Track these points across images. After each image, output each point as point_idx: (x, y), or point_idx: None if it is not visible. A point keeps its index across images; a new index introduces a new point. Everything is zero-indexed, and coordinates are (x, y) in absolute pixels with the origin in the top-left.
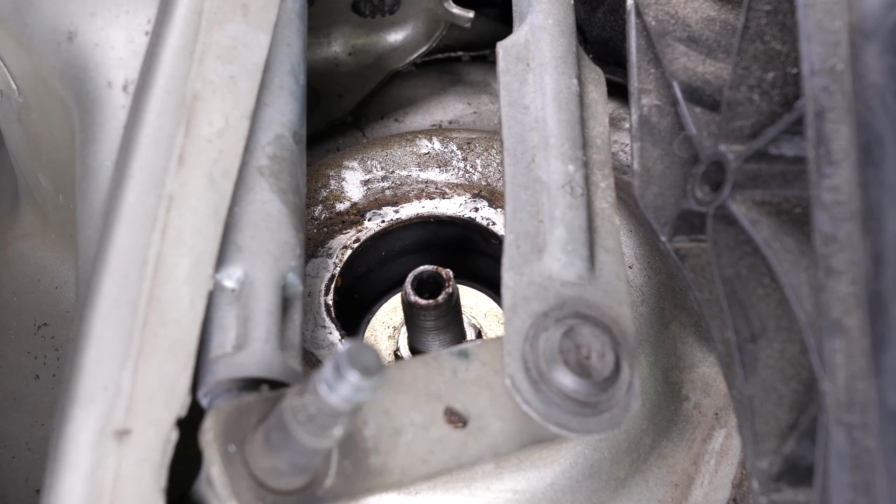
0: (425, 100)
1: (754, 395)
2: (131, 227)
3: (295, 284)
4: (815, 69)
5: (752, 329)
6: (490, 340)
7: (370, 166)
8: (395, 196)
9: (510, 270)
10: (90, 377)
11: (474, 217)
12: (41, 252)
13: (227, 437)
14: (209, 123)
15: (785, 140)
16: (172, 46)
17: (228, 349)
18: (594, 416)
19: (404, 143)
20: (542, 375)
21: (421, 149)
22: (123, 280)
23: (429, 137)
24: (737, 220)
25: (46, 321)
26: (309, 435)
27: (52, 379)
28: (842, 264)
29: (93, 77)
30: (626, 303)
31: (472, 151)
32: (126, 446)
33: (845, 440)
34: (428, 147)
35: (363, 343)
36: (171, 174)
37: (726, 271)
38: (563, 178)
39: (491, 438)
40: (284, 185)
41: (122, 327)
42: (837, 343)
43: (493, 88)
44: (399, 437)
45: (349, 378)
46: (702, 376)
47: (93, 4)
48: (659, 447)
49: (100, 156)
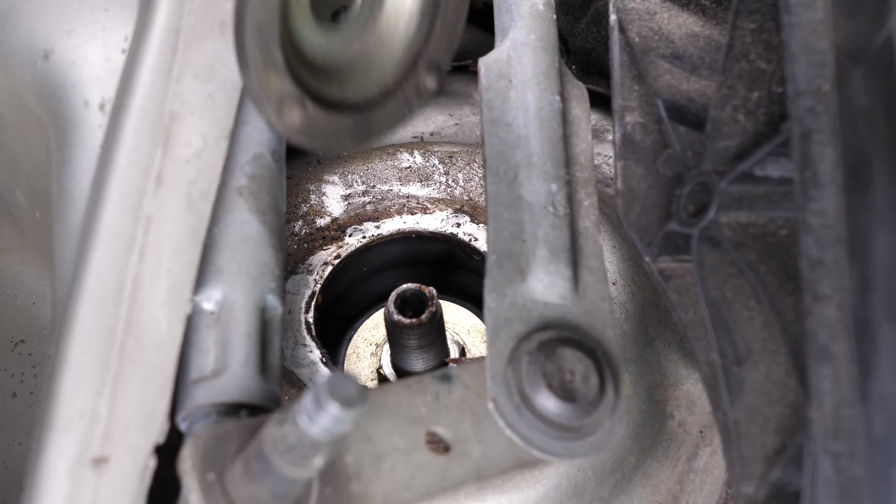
0: None
1: (740, 419)
2: (108, 250)
3: (274, 306)
4: (800, 90)
5: (738, 352)
6: (472, 364)
7: (351, 180)
8: (376, 211)
9: (493, 293)
10: (67, 404)
11: (456, 233)
12: (18, 267)
13: (205, 465)
14: (187, 143)
15: (771, 161)
16: (150, 65)
17: (207, 373)
18: (578, 440)
19: (385, 156)
20: (525, 399)
21: (402, 163)
22: (100, 304)
23: (410, 151)
24: (722, 242)
25: (24, 338)
26: (289, 465)
27: (29, 396)
28: (828, 289)
29: (69, 96)
30: (609, 323)
31: (453, 165)
32: (103, 474)
33: (832, 468)
34: (409, 161)
35: (344, 374)
36: (149, 195)
37: (711, 293)
38: (545, 197)
39: (474, 463)
40: (263, 204)
41: (99, 352)
42: (824, 369)
43: (475, 99)
44: (381, 463)
45: (329, 409)
46: (686, 394)
47: (69, 21)
48: (643, 466)
49: (76, 176)
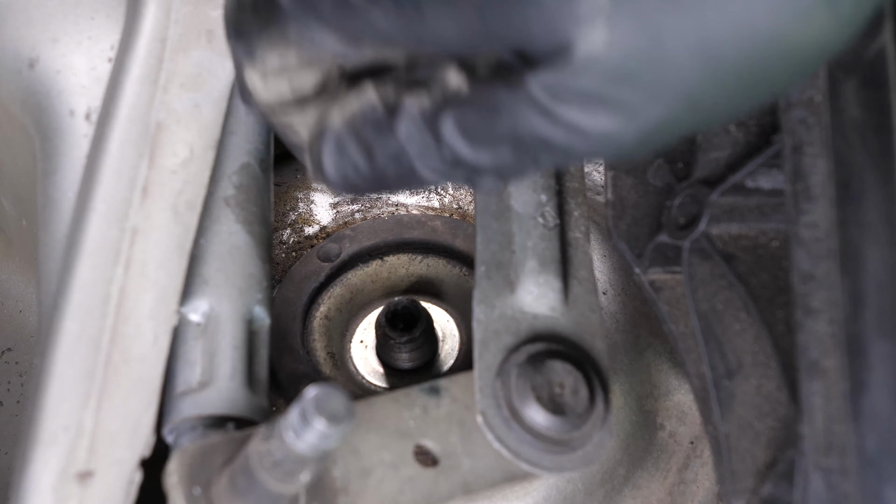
0: None
1: (730, 433)
2: (94, 261)
3: (262, 318)
4: (792, 101)
5: (728, 365)
6: (461, 376)
7: None
8: (364, 219)
9: (481, 304)
10: (51, 417)
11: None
12: (5, 275)
13: (191, 479)
14: (173, 154)
15: (762, 173)
16: (136, 74)
17: (194, 385)
18: (567, 454)
19: None
20: (514, 412)
21: None
22: (86, 316)
23: None
24: (712, 254)
25: (10, 346)
26: (275, 480)
27: (16, 405)
28: (820, 303)
29: (55, 105)
30: (599, 335)
31: None
32: (88, 488)
33: (824, 484)
34: None
35: (331, 388)
36: (135, 206)
37: (702, 305)
38: (535, 207)
39: (462, 476)
40: (251, 215)
41: (84, 365)
42: (815, 385)
43: None
44: (369, 477)
45: (316, 425)
46: (677, 404)
47: (55, 30)
48: (633, 478)
49: (62, 186)
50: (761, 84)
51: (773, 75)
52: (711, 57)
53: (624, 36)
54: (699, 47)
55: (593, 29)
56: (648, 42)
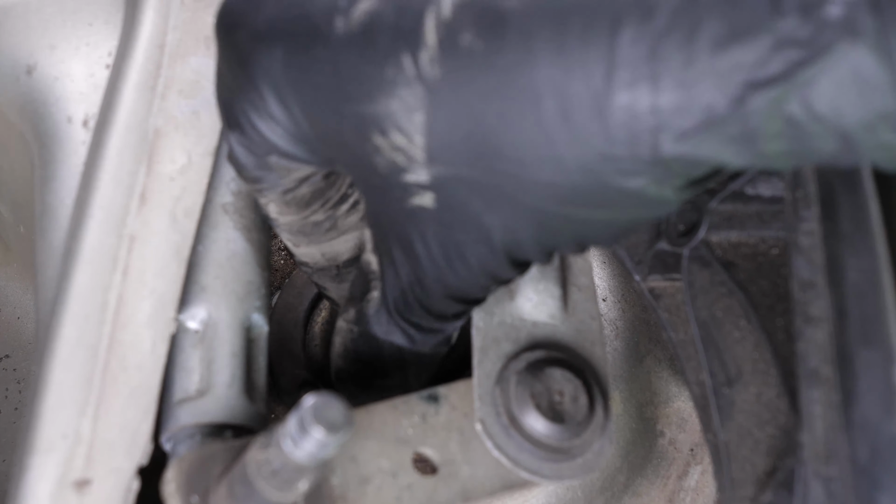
0: None
1: (730, 441)
2: (91, 269)
3: (260, 325)
4: None
5: (728, 373)
6: (460, 383)
7: None
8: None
9: (480, 311)
10: (49, 425)
11: None
12: (2, 282)
13: (189, 487)
14: (171, 160)
15: (762, 180)
16: (134, 81)
17: (192, 393)
18: (567, 462)
19: None
20: (513, 420)
21: None
22: (83, 323)
23: None
24: (712, 262)
25: (8, 353)
26: (273, 489)
27: (13, 413)
28: (820, 311)
29: (52, 112)
30: (599, 342)
31: None
32: (86, 496)
33: (824, 493)
34: None
35: (330, 396)
36: (133, 213)
37: (701, 313)
38: None
39: (461, 484)
40: (249, 221)
41: (81, 372)
42: (815, 393)
43: None
44: (367, 485)
45: (314, 434)
46: (677, 411)
47: (52, 37)
48: (633, 485)
49: (60, 193)
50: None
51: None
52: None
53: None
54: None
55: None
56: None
